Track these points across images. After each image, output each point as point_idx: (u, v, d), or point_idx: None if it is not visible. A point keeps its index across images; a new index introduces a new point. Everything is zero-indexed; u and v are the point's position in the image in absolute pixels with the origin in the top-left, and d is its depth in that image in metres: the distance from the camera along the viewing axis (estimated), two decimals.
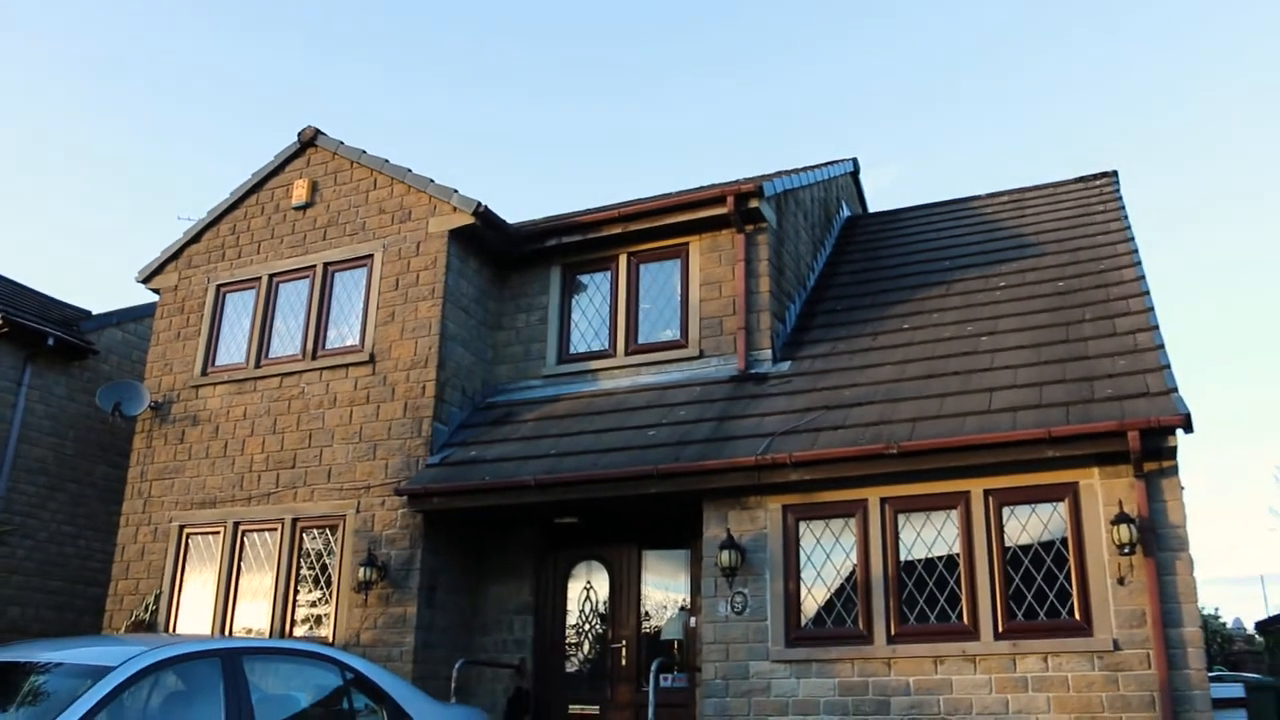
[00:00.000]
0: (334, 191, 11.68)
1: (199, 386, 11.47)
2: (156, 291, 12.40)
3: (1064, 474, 7.70)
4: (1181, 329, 46.12)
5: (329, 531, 10.20)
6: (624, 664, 9.70)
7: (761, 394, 9.56)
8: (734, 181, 11.13)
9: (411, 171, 11.19)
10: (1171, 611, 7.16)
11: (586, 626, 10.11)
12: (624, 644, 9.77)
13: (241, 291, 11.79)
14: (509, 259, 11.50)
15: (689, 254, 10.81)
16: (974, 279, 10.96)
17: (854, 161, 14.70)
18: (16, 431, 12.71)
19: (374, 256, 11.08)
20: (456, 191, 10.81)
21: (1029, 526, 7.81)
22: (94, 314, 14.49)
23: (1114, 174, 12.96)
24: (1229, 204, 50.34)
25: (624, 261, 11.10)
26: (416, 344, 10.47)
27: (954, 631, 7.75)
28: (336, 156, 11.81)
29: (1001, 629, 7.61)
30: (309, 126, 11.95)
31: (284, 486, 10.52)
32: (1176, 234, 50.76)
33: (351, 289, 11.16)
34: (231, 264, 11.97)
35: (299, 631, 10.01)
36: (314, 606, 10.09)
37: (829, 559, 8.34)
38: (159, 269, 12.38)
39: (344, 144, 11.77)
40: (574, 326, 11.20)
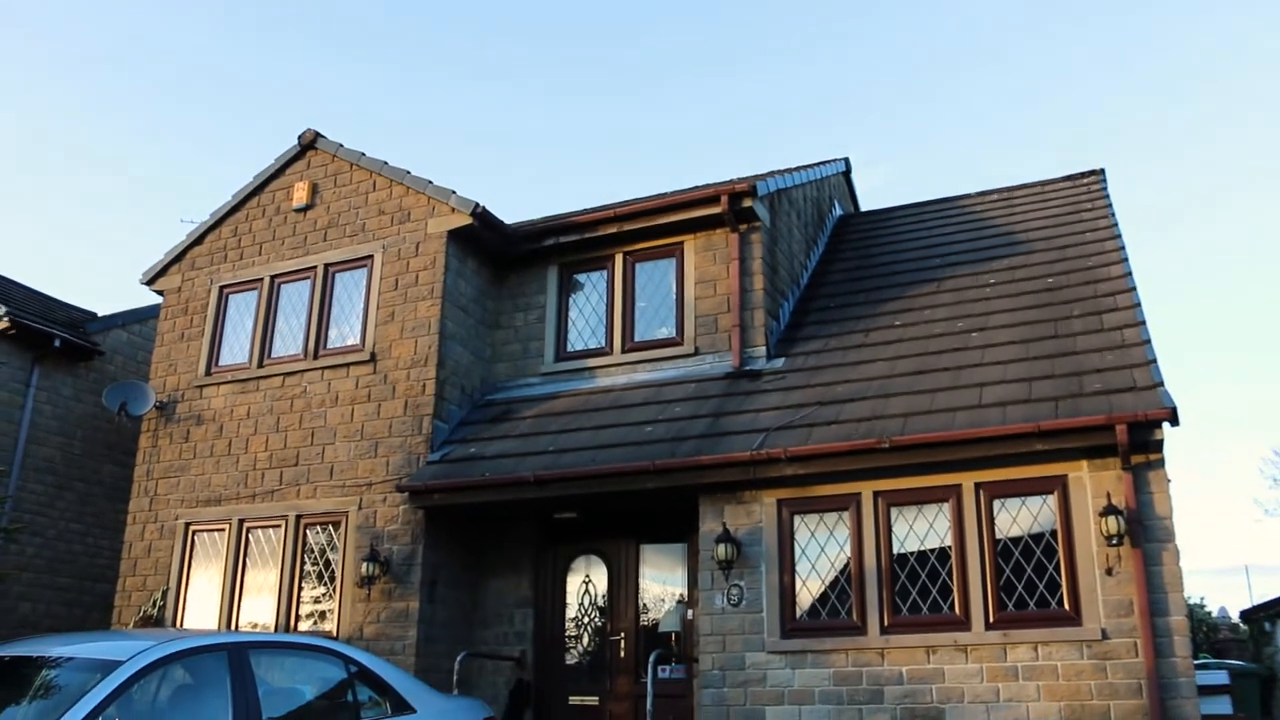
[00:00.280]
0: (334, 193, 11.81)
1: (203, 386, 11.63)
2: (160, 293, 12.56)
3: (1053, 467, 7.83)
4: (1168, 324, 46.15)
5: (332, 528, 10.36)
6: (623, 656, 9.85)
7: (756, 390, 9.68)
8: (728, 181, 11.23)
9: (410, 173, 11.32)
10: (1158, 601, 7.30)
11: (586, 619, 10.26)
12: (622, 636, 9.91)
13: (244, 292, 11.93)
14: (507, 259, 11.63)
15: (684, 253, 10.93)
16: (964, 276, 11.07)
17: (846, 161, 14.80)
18: (25, 432, 12.89)
19: (374, 257, 11.21)
20: (454, 193, 10.94)
21: (1019, 519, 7.93)
22: (99, 315, 14.67)
23: (1101, 172, 13.06)
24: (1215, 201, 50.31)
25: (620, 261, 11.22)
26: (416, 343, 10.61)
27: (946, 622, 7.88)
28: (336, 159, 11.94)
29: (992, 619, 7.74)
30: (309, 129, 12.08)
31: (287, 484, 10.67)
32: (1163, 230, 50.75)
33: (352, 289, 11.30)
34: (234, 265, 12.11)
35: (304, 626, 10.16)
36: (318, 602, 10.24)
37: (823, 552, 8.48)
38: (162, 271, 12.53)
39: (343, 146, 11.90)
40: (571, 325, 11.32)
